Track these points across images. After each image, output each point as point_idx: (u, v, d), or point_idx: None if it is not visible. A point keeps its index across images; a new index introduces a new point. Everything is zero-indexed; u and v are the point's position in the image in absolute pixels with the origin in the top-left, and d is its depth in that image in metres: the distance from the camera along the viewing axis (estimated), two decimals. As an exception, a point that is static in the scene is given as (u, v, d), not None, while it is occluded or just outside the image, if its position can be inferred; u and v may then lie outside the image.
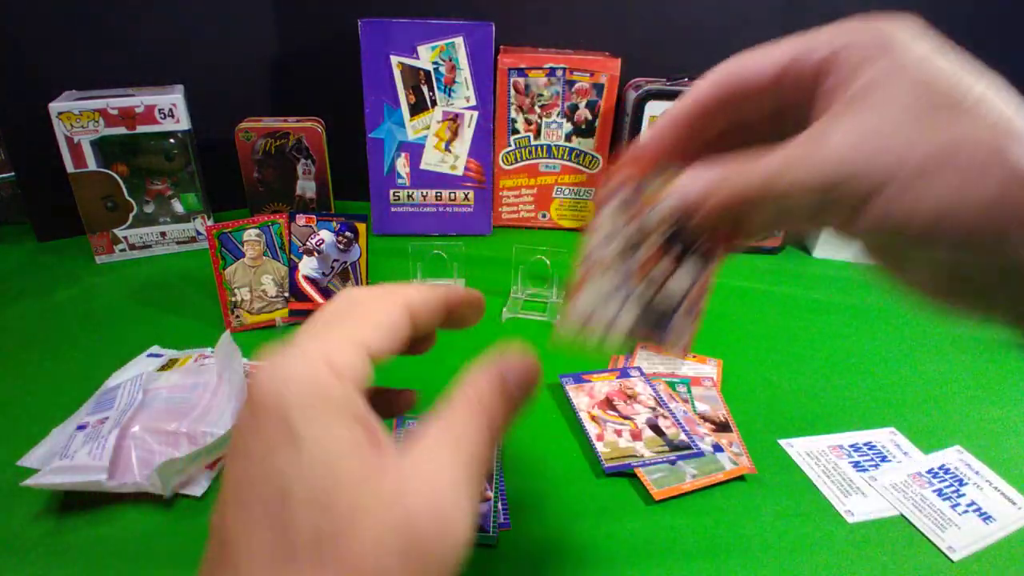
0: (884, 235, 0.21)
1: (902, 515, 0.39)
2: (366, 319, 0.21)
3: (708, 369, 0.53)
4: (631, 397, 0.48)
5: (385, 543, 0.17)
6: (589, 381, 0.49)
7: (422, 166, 0.75)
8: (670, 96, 0.69)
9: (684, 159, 0.25)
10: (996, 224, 0.19)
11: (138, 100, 0.64)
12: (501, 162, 0.78)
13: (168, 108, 0.65)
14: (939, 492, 0.41)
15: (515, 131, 0.76)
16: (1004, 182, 0.18)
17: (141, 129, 0.65)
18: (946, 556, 0.36)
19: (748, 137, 0.24)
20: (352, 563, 0.17)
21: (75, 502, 0.37)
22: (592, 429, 0.44)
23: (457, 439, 0.20)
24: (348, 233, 0.56)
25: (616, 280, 0.30)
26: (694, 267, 0.29)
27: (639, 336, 0.30)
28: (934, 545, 0.37)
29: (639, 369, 0.51)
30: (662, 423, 0.45)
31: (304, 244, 0.56)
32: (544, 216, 0.82)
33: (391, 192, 0.76)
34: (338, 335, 0.21)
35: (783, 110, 0.23)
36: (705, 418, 0.46)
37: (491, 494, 0.38)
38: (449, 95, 0.71)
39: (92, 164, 0.64)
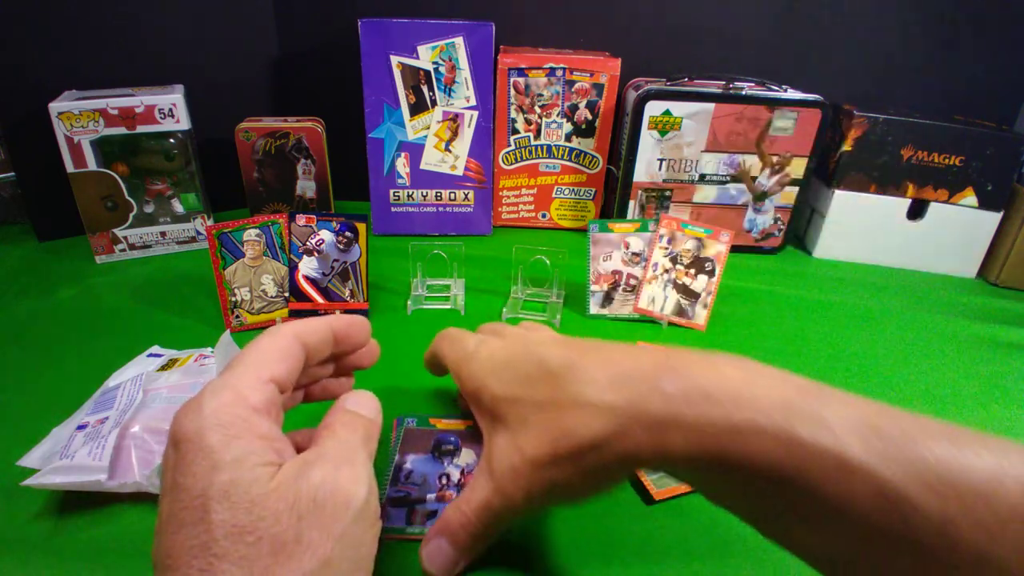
0: None
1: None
2: (264, 353, 0.27)
3: (708, 369, 0.53)
4: (631, 397, 0.47)
5: (292, 510, 0.22)
6: (589, 381, 0.49)
7: (422, 166, 0.75)
8: (670, 96, 0.69)
9: None
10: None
11: (138, 100, 0.64)
12: (501, 162, 0.78)
13: (168, 108, 0.65)
14: (939, 492, 0.41)
15: (515, 131, 0.76)
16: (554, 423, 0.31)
17: (141, 129, 0.65)
18: (946, 556, 0.36)
19: None
20: (259, 534, 0.21)
21: (75, 502, 0.37)
22: (592, 429, 0.44)
23: (344, 442, 0.27)
24: (348, 233, 0.56)
25: (663, 283, 0.58)
26: (705, 278, 0.57)
27: (674, 316, 0.58)
28: (934, 545, 0.37)
29: (639, 369, 0.51)
30: (662, 423, 0.45)
31: (304, 244, 0.56)
32: (544, 216, 0.82)
33: (391, 192, 0.76)
34: (242, 371, 0.26)
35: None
36: (705, 418, 0.46)
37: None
38: (449, 95, 0.71)
39: (92, 164, 0.64)
